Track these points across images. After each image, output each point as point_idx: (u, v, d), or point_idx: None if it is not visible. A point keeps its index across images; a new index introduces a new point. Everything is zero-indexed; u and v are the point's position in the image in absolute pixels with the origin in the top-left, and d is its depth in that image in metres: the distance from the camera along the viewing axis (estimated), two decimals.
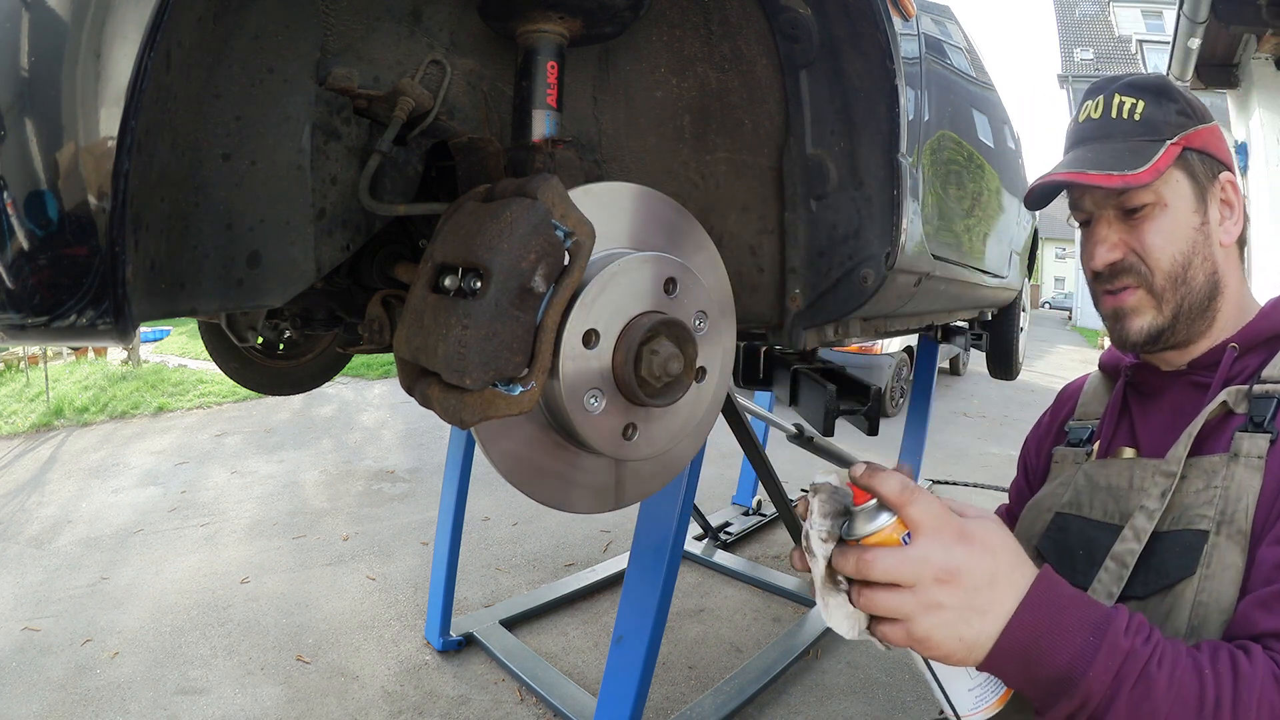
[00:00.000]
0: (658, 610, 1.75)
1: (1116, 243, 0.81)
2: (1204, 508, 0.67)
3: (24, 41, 0.44)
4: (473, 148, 0.83)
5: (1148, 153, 0.77)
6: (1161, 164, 0.76)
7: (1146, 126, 0.79)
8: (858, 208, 0.95)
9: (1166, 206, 0.79)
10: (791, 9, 0.89)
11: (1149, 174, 0.76)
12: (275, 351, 1.77)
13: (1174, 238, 0.79)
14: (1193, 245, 0.79)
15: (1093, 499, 0.81)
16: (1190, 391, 0.81)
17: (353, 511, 4.18)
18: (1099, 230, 0.83)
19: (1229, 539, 0.64)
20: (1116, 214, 0.82)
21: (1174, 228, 0.79)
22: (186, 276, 0.64)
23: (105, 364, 8.60)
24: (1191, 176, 0.80)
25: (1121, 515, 0.75)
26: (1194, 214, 0.79)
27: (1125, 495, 0.77)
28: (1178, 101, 0.81)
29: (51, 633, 2.77)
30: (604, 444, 0.66)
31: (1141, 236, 0.79)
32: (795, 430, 3.39)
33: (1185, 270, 0.79)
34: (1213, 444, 0.71)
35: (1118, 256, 0.81)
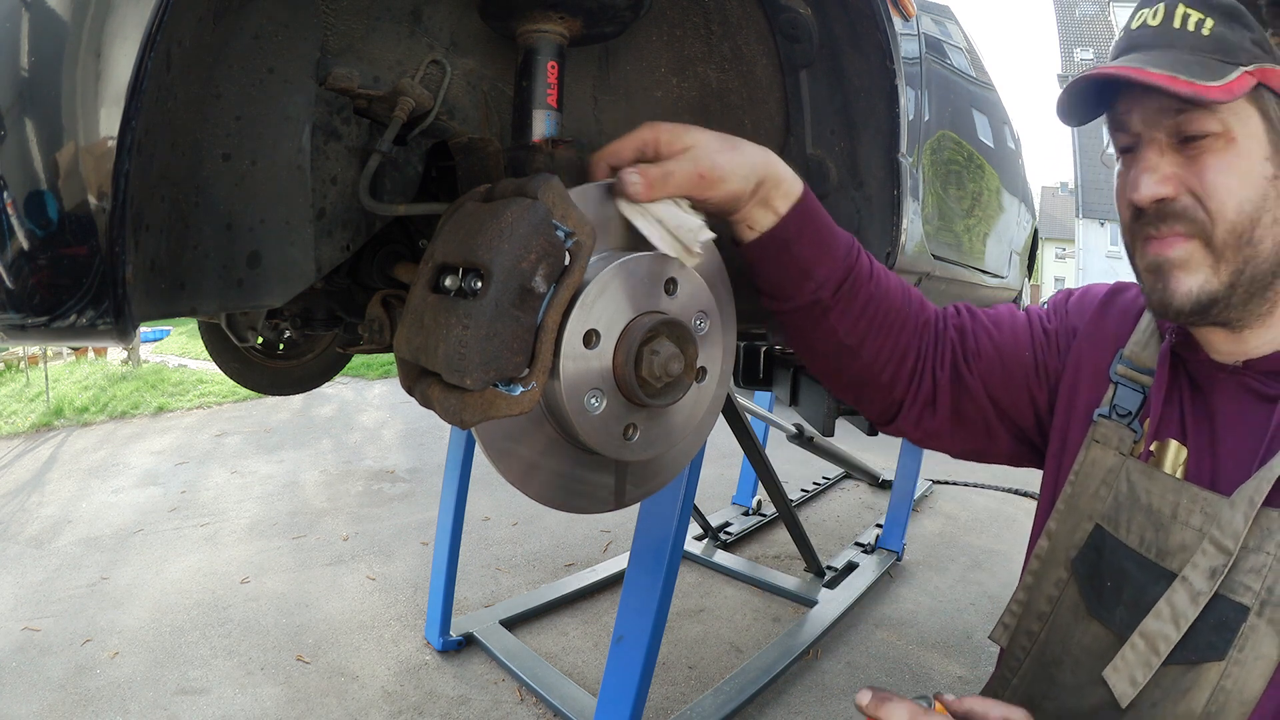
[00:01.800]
0: (658, 610, 1.75)
1: (1169, 175, 0.66)
2: (1249, 576, 0.57)
3: (24, 41, 0.44)
4: (473, 148, 0.83)
5: (1218, 70, 0.62)
6: (1238, 86, 0.61)
7: (1218, 44, 0.64)
8: (858, 208, 0.95)
9: (1235, 142, 0.64)
10: (791, 9, 0.89)
11: (1224, 91, 0.60)
12: (275, 351, 1.77)
13: (1244, 182, 0.64)
14: (1263, 199, 0.64)
15: (1131, 519, 0.70)
16: (1247, 401, 0.68)
17: (353, 511, 4.18)
18: (1148, 156, 0.67)
19: (1269, 624, 0.55)
20: (1171, 141, 0.67)
21: (1245, 168, 0.64)
22: (186, 276, 0.64)
23: (105, 364, 8.61)
24: (1266, 118, 0.65)
25: (1159, 551, 0.65)
26: (1267, 161, 0.64)
27: (1166, 526, 0.66)
28: (1253, 30, 0.67)
29: (51, 633, 2.77)
30: (604, 444, 0.66)
31: (1203, 173, 0.64)
32: (795, 430, 3.39)
33: (1254, 227, 0.64)
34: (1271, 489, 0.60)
35: (1168, 192, 0.66)
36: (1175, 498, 0.66)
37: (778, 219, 0.73)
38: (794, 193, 0.73)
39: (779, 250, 0.74)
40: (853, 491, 4.80)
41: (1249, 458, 0.63)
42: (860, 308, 0.78)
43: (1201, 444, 0.69)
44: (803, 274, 0.75)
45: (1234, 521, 0.59)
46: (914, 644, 2.85)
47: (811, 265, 0.75)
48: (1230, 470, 0.64)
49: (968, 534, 4.07)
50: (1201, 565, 0.60)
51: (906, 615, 3.08)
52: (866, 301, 0.78)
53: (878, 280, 0.80)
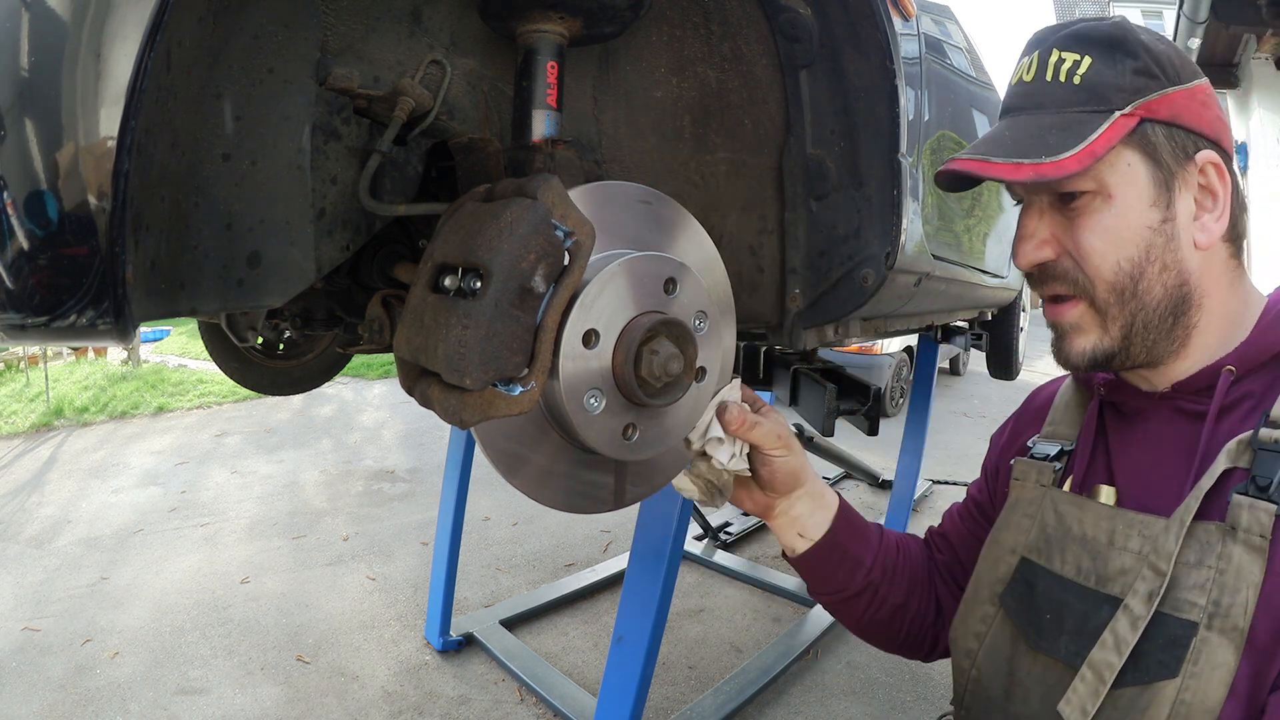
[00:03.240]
0: (658, 610, 1.75)
1: (1047, 239, 0.66)
2: (1194, 592, 0.56)
3: (24, 41, 0.44)
4: (473, 148, 0.83)
5: (1083, 129, 0.60)
6: (1100, 145, 0.59)
7: (1089, 92, 0.62)
8: (858, 208, 0.95)
9: (1111, 199, 0.62)
10: (791, 9, 0.89)
11: (1075, 161, 0.59)
12: (275, 351, 1.77)
13: (1119, 239, 0.62)
14: (1146, 250, 0.63)
15: (1064, 550, 0.68)
16: (1178, 421, 0.67)
17: (353, 511, 4.18)
18: (1027, 220, 0.67)
19: (1221, 634, 0.54)
20: (1051, 201, 0.66)
21: (1119, 225, 0.62)
22: (186, 276, 0.64)
23: (105, 364, 8.61)
24: (1151, 157, 0.62)
25: (1098, 578, 0.64)
26: (1150, 208, 0.62)
27: (1103, 553, 0.64)
28: (1137, 57, 0.62)
29: (51, 633, 2.77)
30: (604, 444, 0.66)
31: (1077, 235, 0.64)
32: (795, 430, 3.39)
33: (1135, 282, 0.63)
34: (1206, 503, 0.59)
35: (1047, 256, 0.66)
36: (1110, 524, 0.65)
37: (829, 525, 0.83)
38: (835, 501, 0.85)
39: (834, 551, 0.84)
40: (853, 491, 4.80)
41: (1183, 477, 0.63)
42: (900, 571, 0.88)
43: (1134, 476, 0.68)
44: (854, 563, 0.85)
45: (1166, 543, 0.59)
46: None
47: (861, 554, 0.85)
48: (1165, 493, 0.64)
49: None
50: (1140, 590, 0.59)
51: None
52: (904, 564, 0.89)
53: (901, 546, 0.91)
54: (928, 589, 0.90)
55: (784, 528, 0.83)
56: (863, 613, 0.87)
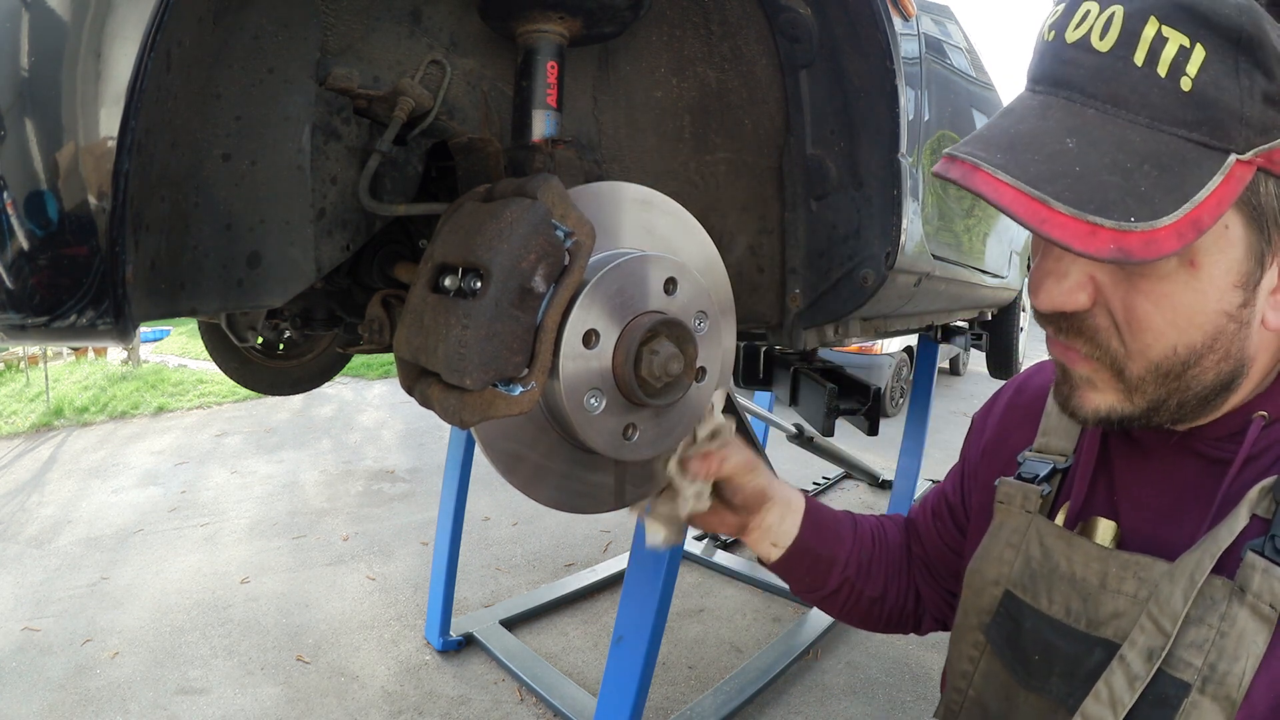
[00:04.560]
0: (658, 610, 1.75)
1: (1082, 282, 0.50)
2: (1190, 651, 0.51)
3: (24, 41, 0.44)
4: (473, 148, 0.83)
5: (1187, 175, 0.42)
6: (1209, 210, 0.42)
7: (1200, 110, 0.42)
8: (858, 208, 0.95)
9: (1195, 268, 0.47)
10: (791, 9, 0.89)
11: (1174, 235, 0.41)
12: (275, 351, 1.77)
13: (1188, 320, 0.48)
14: (1213, 337, 0.49)
15: (1051, 589, 0.62)
16: (1195, 464, 0.59)
17: (352, 511, 4.18)
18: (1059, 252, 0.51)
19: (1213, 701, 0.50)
20: None
21: (1194, 303, 0.48)
22: (186, 276, 0.64)
23: (105, 364, 8.61)
24: (1255, 223, 0.46)
25: (1089, 620, 0.59)
26: (1234, 288, 0.47)
27: (1094, 595, 0.59)
28: (1271, 74, 0.42)
29: (51, 633, 2.77)
30: (604, 444, 0.66)
31: (1132, 300, 0.49)
32: (795, 430, 3.40)
33: (1185, 369, 0.51)
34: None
35: (1081, 305, 0.51)
36: (1102, 566, 0.59)
37: (798, 532, 0.82)
38: (801, 505, 0.84)
39: (806, 555, 0.83)
40: (852, 492, 4.80)
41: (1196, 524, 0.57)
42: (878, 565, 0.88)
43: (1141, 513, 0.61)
44: (828, 562, 0.84)
45: (1173, 599, 0.52)
46: (913, 644, 2.85)
47: (834, 553, 0.84)
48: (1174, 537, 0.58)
49: None
50: (1140, 645, 0.53)
51: None
52: (880, 556, 0.88)
53: (878, 535, 0.90)
54: (906, 576, 0.89)
55: (758, 540, 0.83)
56: (842, 605, 0.88)
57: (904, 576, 0.90)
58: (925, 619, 0.90)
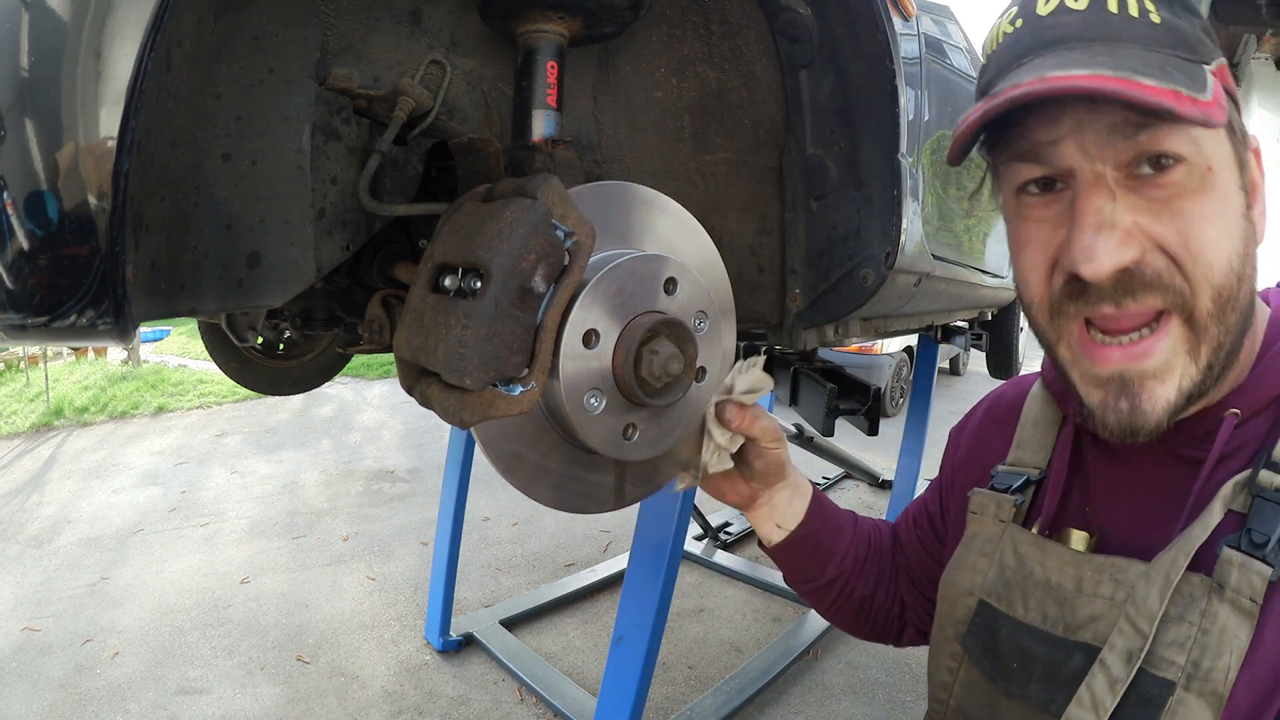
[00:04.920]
0: (658, 610, 1.75)
1: (1130, 230, 0.48)
2: (1172, 650, 0.51)
3: (24, 41, 0.44)
4: (473, 148, 0.83)
5: (1197, 76, 0.46)
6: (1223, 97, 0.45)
7: (1173, 35, 0.48)
8: (858, 208, 0.95)
9: (1213, 173, 0.48)
10: (791, 9, 0.89)
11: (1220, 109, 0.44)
12: (275, 351, 1.77)
13: (1230, 230, 0.49)
14: (1247, 244, 0.50)
15: (1026, 597, 0.62)
16: (1169, 465, 0.59)
17: (352, 511, 4.18)
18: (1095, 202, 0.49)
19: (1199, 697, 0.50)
20: (1120, 175, 0.49)
21: (1227, 210, 0.49)
22: (186, 276, 0.64)
23: (105, 364, 8.61)
24: (1233, 133, 0.51)
25: (1066, 625, 0.59)
26: (1240, 192, 0.50)
27: (1070, 600, 0.59)
28: (1196, 13, 0.50)
29: (51, 633, 2.77)
30: (604, 444, 0.66)
31: (1183, 222, 0.48)
32: (795, 430, 3.40)
33: (1240, 285, 0.50)
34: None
35: (1134, 255, 0.49)
36: (1077, 571, 0.59)
37: (803, 517, 0.83)
38: (809, 492, 0.84)
39: (807, 542, 0.83)
40: (853, 491, 4.80)
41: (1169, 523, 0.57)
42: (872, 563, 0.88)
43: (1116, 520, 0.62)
44: (827, 553, 0.85)
45: (1149, 600, 0.52)
46: None
47: (833, 544, 0.85)
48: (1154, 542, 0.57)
49: None
50: (1119, 647, 0.53)
51: None
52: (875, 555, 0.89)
53: (873, 537, 0.90)
54: (893, 582, 0.90)
55: (763, 518, 0.83)
56: (833, 601, 0.87)
57: (892, 582, 0.90)
58: (907, 629, 0.91)
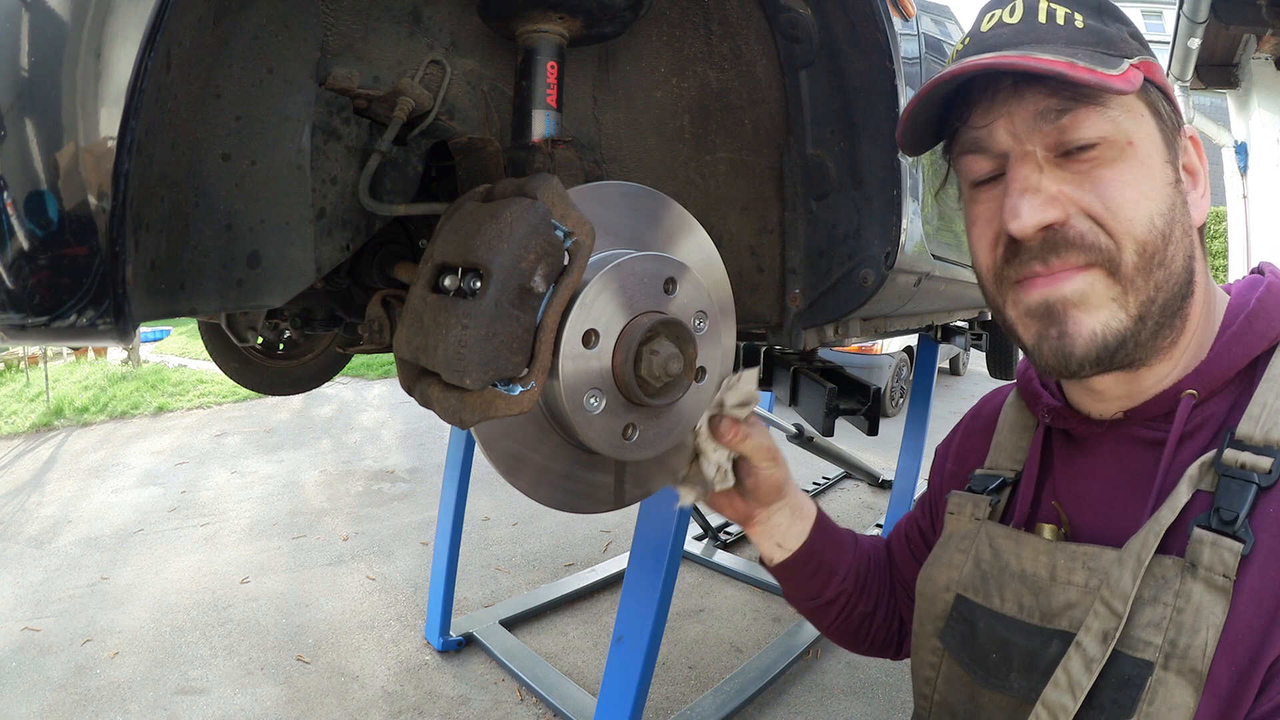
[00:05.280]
0: (658, 610, 1.75)
1: (1055, 195, 0.55)
2: (1149, 631, 0.52)
3: (24, 41, 0.44)
4: (472, 148, 0.83)
5: (1108, 61, 0.53)
6: (1133, 76, 0.52)
7: (1097, 36, 0.55)
8: (858, 208, 0.95)
9: (1133, 146, 0.54)
10: (791, 9, 0.89)
11: (1125, 80, 0.51)
12: (275, 351, 1.77)
13: (1150, 190, 0.54)
14: (1173, 208, 0.55)
15: (1003, 587, 0.63)
16: (1133, 449, 0.62)
17: (353, 511, 4.18)
18: (1023, 173, 0.55)
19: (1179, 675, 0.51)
20: (1049, 155, 0.55)
21: (1147, 175, 0.55)
22: (186, 276, 0.64)
23: (105, 364, 8.61)
24: (1157, 115, 0.56)
25: (1043, 614, 0.60)
26: (1167, 165, 0.56)
27: (1045, 589, 0.60)
28: (1126, 24, 0.58)
29: (51, 633, 2.77)
30: (604, 444, 0.66)
31: (1101, 187, 0.54)
32: (795, 430, 3.39)
33: (1165, 243, 0.55)
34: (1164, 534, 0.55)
35: (1057, 215, 0.55)
36: (1050, 559, 0.61)
37: (807, 536, 0.84)
38: (813, 511, 0.85)
39: (810, 560, 0.84)
40: (852, 491, 4.80)
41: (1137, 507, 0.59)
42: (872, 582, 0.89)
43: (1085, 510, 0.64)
44: (829, 571, 0.85)
45: (1122, 581, 0.54)
46: None
47: (835, 563, 0.86)
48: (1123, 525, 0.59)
49: None
50: (1094, 629, 0.55)
51: None
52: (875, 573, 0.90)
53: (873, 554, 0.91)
54: (891, 598, 0.91)
55: (762, 536, 0.84)
56: (834, 619, 0.88)
57: (890, 598, 0.91)
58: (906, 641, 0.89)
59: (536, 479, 0.71)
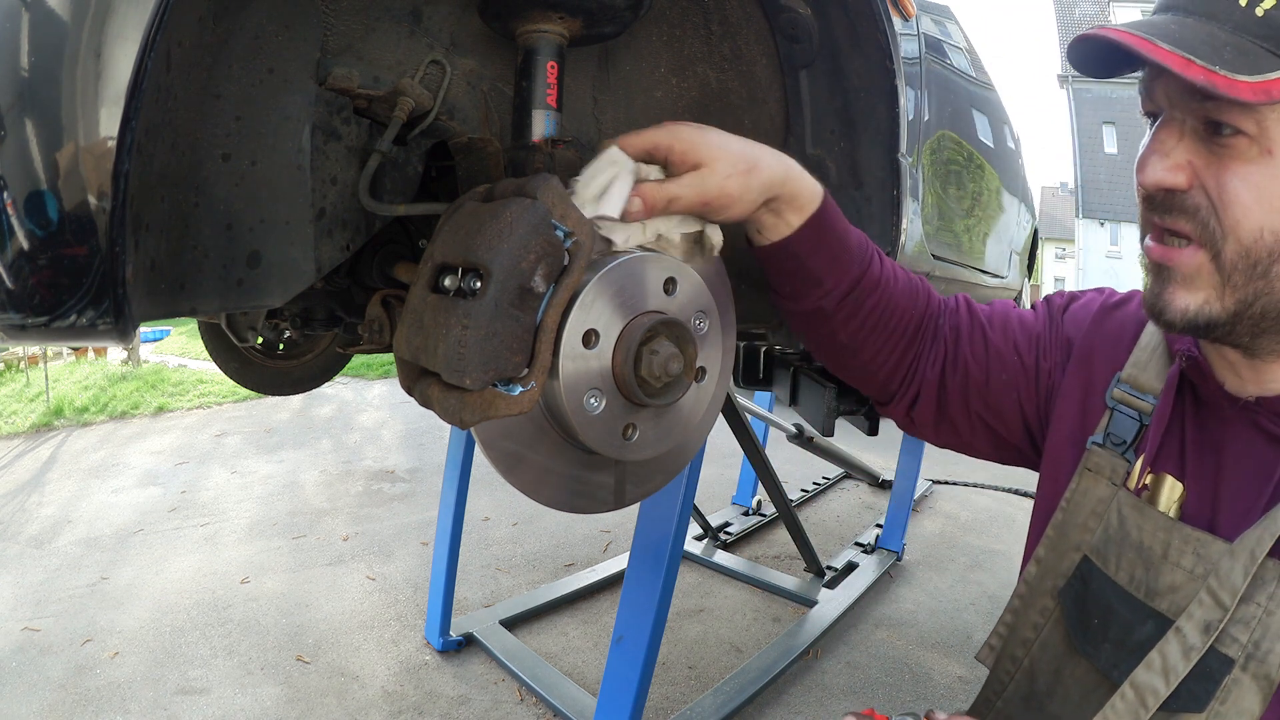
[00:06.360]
0: (658, 610, 1.75)
1: (1183, 163, 0.57)
2: (1237, 627, 0.54)
3: (24, 41, 0.44)
4: (472, 148, 0.83)
5: (1261, 63, 0.51)
6: (1278, 86, 0.51)
7: (1270, 28, 0.52)
8: (857, 207, 0.95)
9: (1271, 155, 0.53)
10: (791, 9, 0.89)
11: (1255, 90, 0.50)
12: (275, 351, 1.77)
13: (1271, 204, 0.54)
14: None
15: (1120, 555, 0.66)
16: (1257, 440, 0.62)
17: (352, 511, 4.18)
18: (1163, 136, 0.58)
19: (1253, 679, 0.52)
20: (1195, 126, 0.57)
21: (1275, 189, 0.54)
22: (186, 276, 0.64)
23: (105, 364, 8.61)
24: None
25: (1148, 590, 0.62)
26: None
27: (1156, 565, 0.62)
28: None
29: (51, 633, 2.77)
30: (604, 444, 0.66)
31: (1223, 176, 0.55)
32: (795, 430, 3.39)
33: (1272, 260, 0.55)
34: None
35: (1179, 182, 0.57)
36: (1166, 536, 0.62)
37: (790, 231, 0.72)
38: (810, 206, 0.72)
39: (788, 259, 0.74)
40: (853, 491, 4.80)
41: (1253, 500, 0.60)
42: (864, 316, 0.78)
43: (1203, 481, 0.64)
44: (812, 282, 0.75)
45: (1233, 575, 0.56)
46: (914, 644, 2.85)
47: (821, 275, 0.75)
48: (1231, 512, 0.61)
49: (968, 534, 4.07)
50: (1197, 617, 0.56)
51: (906, 615, 3.08)
52: (870, 310, 0.78)
53: (885, 287, 0.79)
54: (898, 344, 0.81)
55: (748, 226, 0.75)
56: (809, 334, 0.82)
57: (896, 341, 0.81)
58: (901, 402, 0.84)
59: (536, 479, 0.71)
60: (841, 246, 0.75)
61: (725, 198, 0.66)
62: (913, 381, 0.84)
